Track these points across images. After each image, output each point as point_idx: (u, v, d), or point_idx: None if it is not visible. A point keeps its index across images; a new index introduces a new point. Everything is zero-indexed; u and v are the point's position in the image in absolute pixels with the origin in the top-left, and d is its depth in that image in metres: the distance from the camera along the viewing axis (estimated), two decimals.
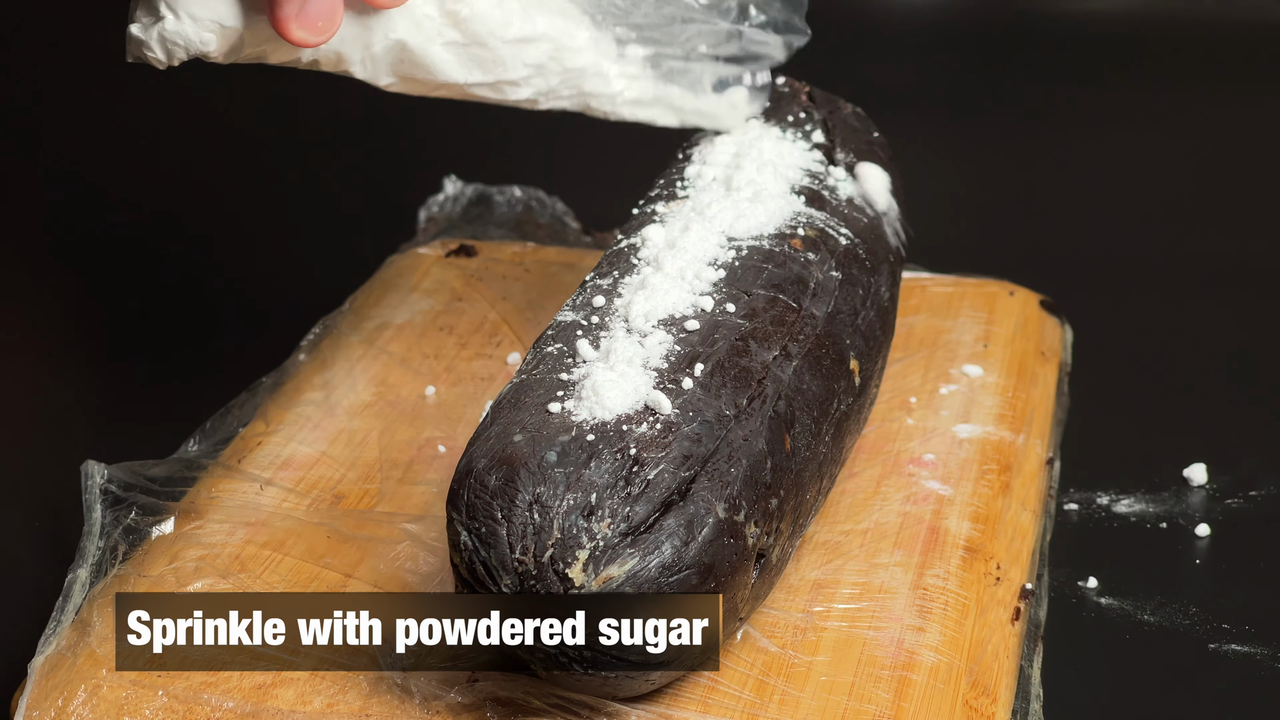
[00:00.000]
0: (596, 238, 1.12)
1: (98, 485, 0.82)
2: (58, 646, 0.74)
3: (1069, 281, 1.10)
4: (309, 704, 0.72)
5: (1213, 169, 1.30)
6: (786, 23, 0.93)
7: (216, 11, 0.75)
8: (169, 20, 0.74)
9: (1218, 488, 0.92)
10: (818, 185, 0.86)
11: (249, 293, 1.15)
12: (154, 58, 0.76)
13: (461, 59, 0.83)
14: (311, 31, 0.75)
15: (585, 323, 0.76)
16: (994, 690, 0.75)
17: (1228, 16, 1.49)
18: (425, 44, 0.82)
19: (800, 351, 0.76)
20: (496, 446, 0.69)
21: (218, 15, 0.75)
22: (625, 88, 0.89)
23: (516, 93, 0.86)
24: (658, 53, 0.90)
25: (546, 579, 0.66)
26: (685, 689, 0.72)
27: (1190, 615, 0.83)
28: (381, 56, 0.81)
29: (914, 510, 0.83)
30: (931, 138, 1.34)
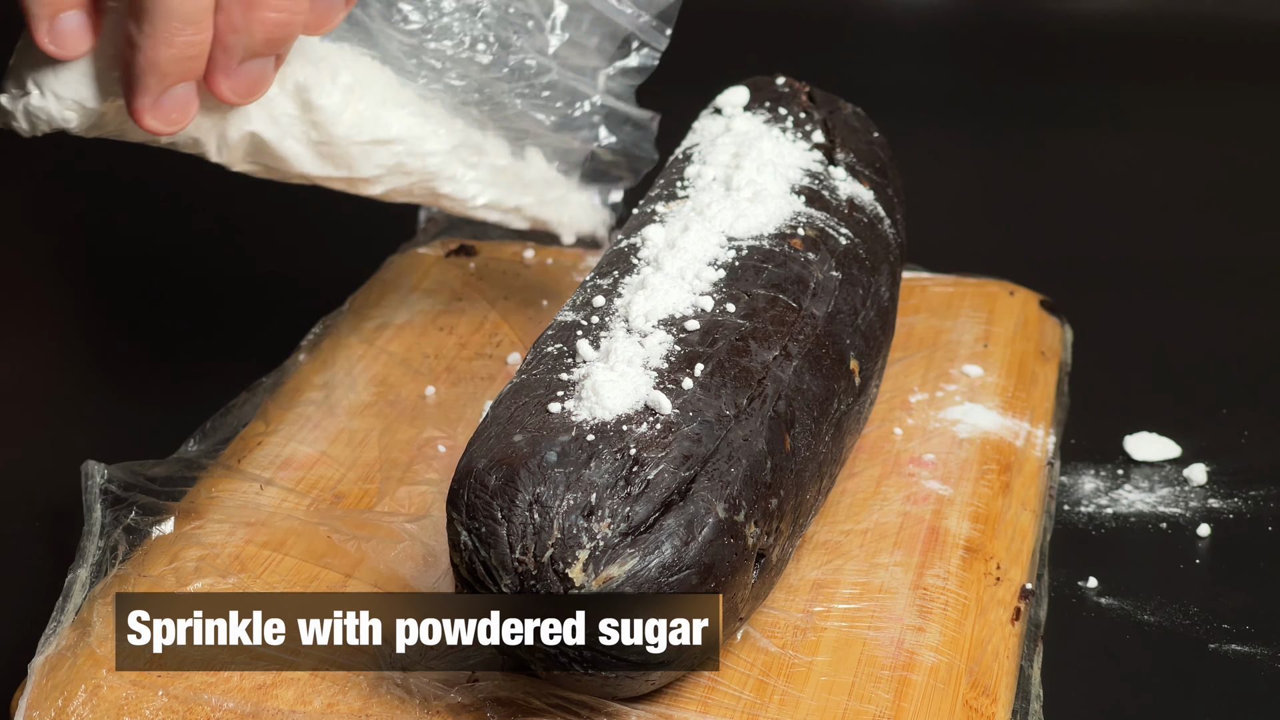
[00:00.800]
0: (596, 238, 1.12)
1: (98, 485, 0.82)
2: (58, 646, 0.74)
3: (1069, 281, 1.10)
4: (309, 704, 0.72)
5: (1213, 169, 1.30)
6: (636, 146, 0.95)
7: (79, 93, 0.78)
8: (34, 96, 0.78)
9: (1218, 488, 0.92)
10: (818, 185, 0.86)
11: (249, 293, 1.15)
12: (19, 127, 0.79)
13: (315, 154, 0.85)
14: (165, 122, 0.77)
15: (585, 323, 0.76)
16: (994, 690, 0.75)
17: (1228, 16, 1.49)
18: (280, 138, 0.83)
19: (800, 351, 0.76)
20: (496, 446, 0.69)
21: (80, 97, 0.78)
22: (478, 194, 0.92)
23: (369, 189, 0.89)
24: (511, 165, 0.92)
25: (546, 579, 0.66)
26: (685, 689, 0.72)
27: (1190, 615, 0.83)
28: (237, 145, 0.83)
29: (914, 510, 0.83)
30: (931, 138, 1.34)
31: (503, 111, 0.91)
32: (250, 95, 0.79)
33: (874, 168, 0.90)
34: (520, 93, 0.90)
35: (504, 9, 0.89)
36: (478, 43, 0.88)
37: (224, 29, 0.76)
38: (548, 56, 0.90)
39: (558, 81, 0.91)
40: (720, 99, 0.93)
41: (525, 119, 0.91)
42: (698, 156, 0.88)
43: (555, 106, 0.91)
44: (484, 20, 0.88)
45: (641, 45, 0.93)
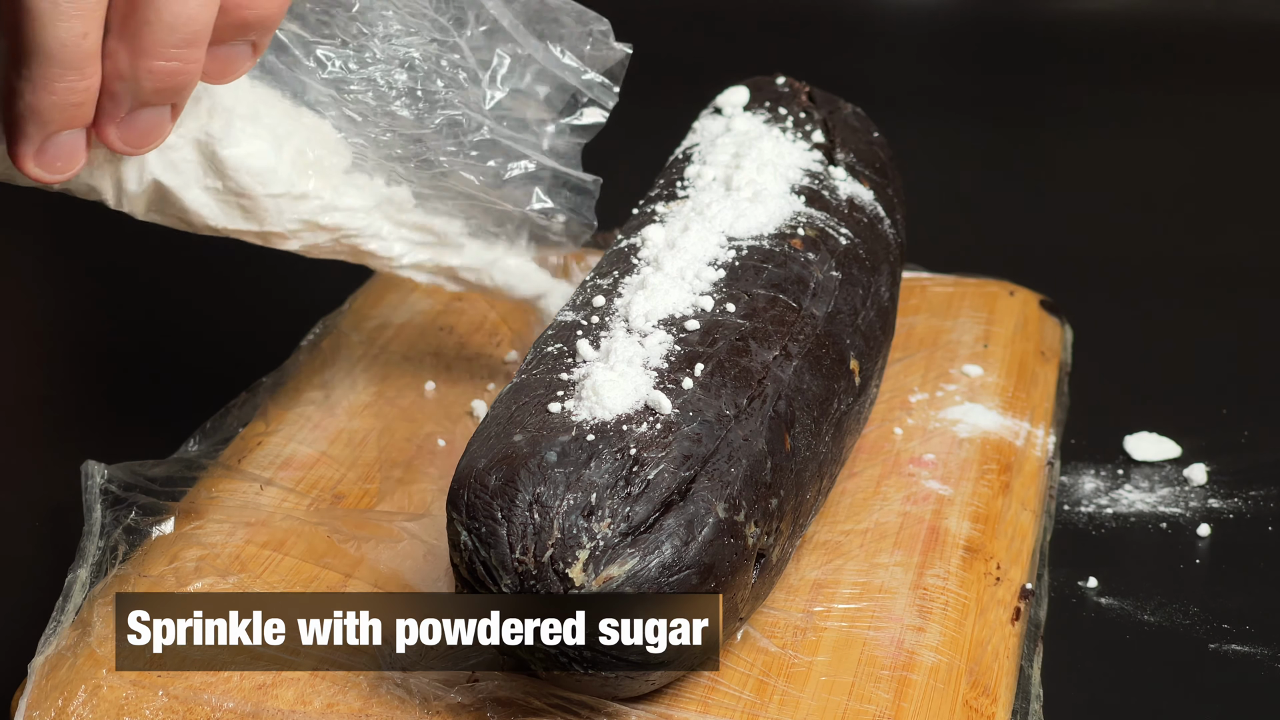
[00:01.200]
0: (596, 238, 1.12)
1: (98, 485, 0.82)
2: (58, 646, 0.74)
3: (1069, 281, 1.10)
4: (309, 704, 0.72)
5: (1212, 169, 1.30)
6: (575, 209, 0.90)
7: None
8: None
9: (1218, 488, 0.92)
10: (818, 185, 0.86)
11: (249, 293, 1.15)
12: None
13: (223, 206, 0.81)
14: (49, 170, 0.72)
15: (585, 322, 0.76)
16: (994, 690, 0.75)
17: (1228, 16, 1.49)
18: (183, 187, 0.79)
19: (800, 351, 0.76)
20: (496, 446, 0.69)
21: None
22: (405, 253, 0.87)
23: (285, 244, 0.84)
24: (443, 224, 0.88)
25: (546, 579, 0.66)
26: (685, 689, 0.72)
27: (1190, 615, 0.83)
28: (137, 194, 0.79)
29: (914, 510, 0.83)
30: (931, 138, 1.34)
31: (431, 169, 0.85)
32: (142, 145, 0.73)
33: (874, 168, 0.90)
34: (448, 150, 0.85)
35: (436, 60, 0.83)
36: (402, 95, 0.83)
37: (111, 76, 0.70)
38: (482, 113, 0.85)
39: (493, 140, 0.85)
40: (720, 99, 0.93)
41: (456, 178, 0.86)
42: (698, 156, 0.88)
43: (488, 166, 0.86)
44: (412, 72, 0.83)
45: (589, 102, 0.87)
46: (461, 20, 0.83)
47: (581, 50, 0.86)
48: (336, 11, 0.81)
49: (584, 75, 0.86)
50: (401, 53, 0.83)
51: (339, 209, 0.83)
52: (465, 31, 0.83)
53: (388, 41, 0.82)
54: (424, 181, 0.86)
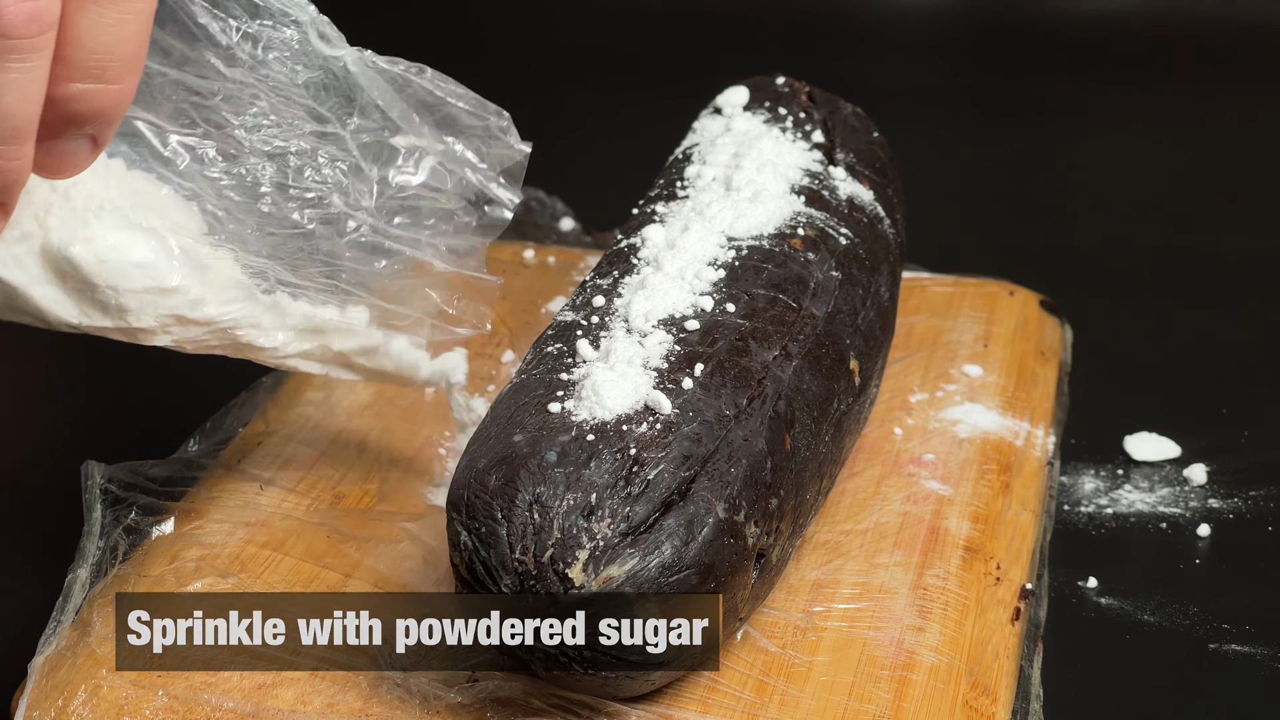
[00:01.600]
0: (596, 238, 1.12)
1: (98, 485, 0.82)
2: (58, 646, 0.74)
3: (1069, 281, 1.10)
4: (309, 704, 0.72)
5: (1212, 169, 1.30)
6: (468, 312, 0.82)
7: None
8: None
9: (1218, 488, 0.92)
10: (817, 185, 0.86)
11: None
12: None
13: (78, 303, 0.73)
14: None
15: (585, 323, 0.76)
16: (994, 690, 0.75)
17: (1228, 16, 1.49)
18: (30, 284, 0.72)
19: (800, 351, 0.76)
20: (496, 446, 0.69)
21: None
22: (290, 341, 0.79)
23: (153, 339, 0.76)
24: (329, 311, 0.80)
25: (546, 579, 0.66)
26: (685, 689, 0.72)
27: (1190, 615, 0.83)
28: None
29: (914, 510, 0.83)
30: (931, 138, 1.34)
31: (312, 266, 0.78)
32: None
33: (874, 168, 0.90)
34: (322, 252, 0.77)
35: (313, 154, 0.76)
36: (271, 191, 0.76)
37: None
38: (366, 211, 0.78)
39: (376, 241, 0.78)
40: (720, 99, 0.93)
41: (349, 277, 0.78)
42: (698, 156, 0.88)
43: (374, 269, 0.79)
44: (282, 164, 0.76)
45: (490, 202, 0.80)
46: (347, 110, 0.77)
47: (479, 146, 0.79)
48: (201, 98, 0.75)
49: (482, 173, 0.79)
50: (272, 144, 0.76)
51: (210, 301, 0.76)
52: (350, 122, 0.77)
53: (256, 132, 0.76)
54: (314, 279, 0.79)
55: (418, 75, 0.77)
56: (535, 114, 0.89)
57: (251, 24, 0.74)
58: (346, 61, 0.76)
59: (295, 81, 0.75)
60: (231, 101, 0.75)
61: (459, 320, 0.82)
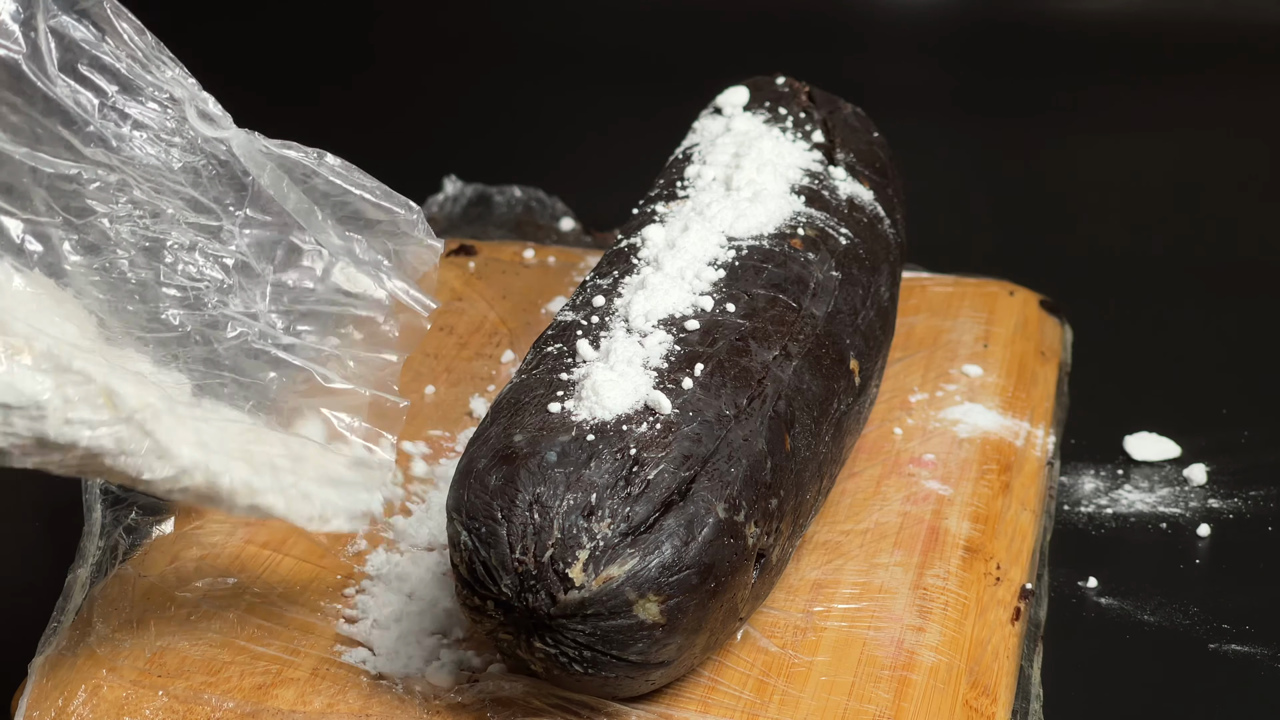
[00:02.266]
0: (596, 238, 1.12)
1: (98, 485, 0.82)
2: (58, 646, 0.74)
3: (1069, 281, 1.10)
4: (309, 704, 0.72)
5: (1212, 168, 1.30)
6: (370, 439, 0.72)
7: None
8: None
9: (1218, 488, 0.92)
10: (817, 185, 0.86)
11: None
12: None
13: None
14: None
15: (585, 323, 0.76)
16: (994, 690, 0.75)
17: (1228, 16, 1.49)
18: None
19: (800, 351, 0.76)
20: (496, 446, 0.69)
21: None
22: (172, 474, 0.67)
23: (6, 460, 0.64)
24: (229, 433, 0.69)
25: (546, 579, 0.66)
26: (685, 689, 0.72)
27: (1190, 615, 0.83)
28: None
29: (914, 510, 0.83)
30: (931, 137, 1.34)
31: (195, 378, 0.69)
32: None
33: (874, 168, 0.90)
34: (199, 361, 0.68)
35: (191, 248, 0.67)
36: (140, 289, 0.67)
37: None
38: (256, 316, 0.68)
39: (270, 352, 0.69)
40: (720, 99, 0.93)
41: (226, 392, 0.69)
42: (698, 156, 0.88)
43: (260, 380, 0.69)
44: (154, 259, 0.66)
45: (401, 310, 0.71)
46: (235, 201, 0.68)
47: (386, 245, 0.70)
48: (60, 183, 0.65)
49: (392, 276, 0.70)
50: (144, 237, 0.67)
51: (71, 420, 0.63)
52: (238, 214, 0.67)
53: (125, 223, 0.66)
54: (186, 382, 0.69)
55: (316, 162, 0.68)
56: (535, 114, 0.89)
57: (119, 98, 0.65)
58: (231, 145, 0.67)
59: (170, 166, 0.66)
60: (95, 188, 0.66)
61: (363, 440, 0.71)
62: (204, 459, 0.67)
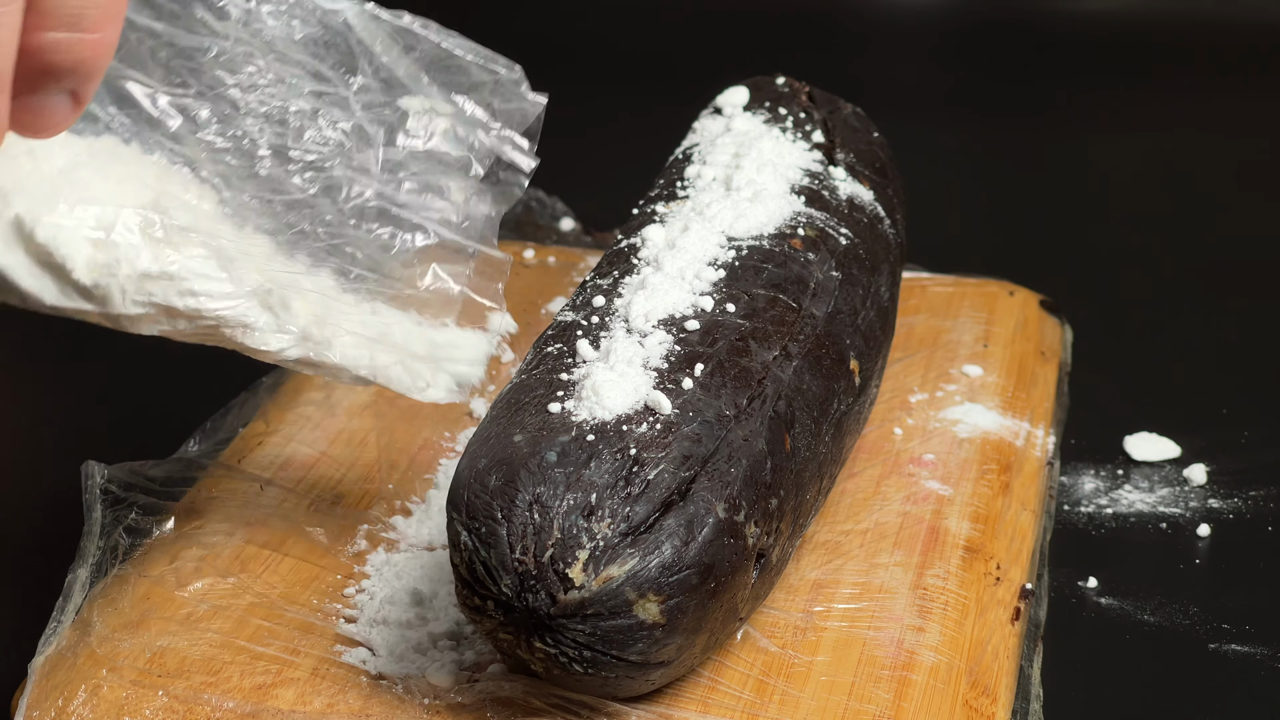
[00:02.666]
0: (596, 238, 1.12)
1: (98, 485, 0.82)
2: (58, 646, 0.74)
3: (1069, 281, 1.10)
4: (309, 704, 0.72)
5: (1212, 168, 1.30)
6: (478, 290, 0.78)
7: None
8: None
9: (1218, 488, 0.92)
10: (818, 185, 0.86)
11: None
12: None
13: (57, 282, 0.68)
14: None
15: (585, 323, 0.76)
16: (994, 690, 0.75)
17: (1228, 16, 1.49)
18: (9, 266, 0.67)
19: (800, 351, 0.76)
20: (496, 446, 0.69)
21: None
22: (286, 348, 0.74)
23: (137, 327, 0.71)
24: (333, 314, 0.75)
25: (546, 579, 0.66)
26: (685, 689, 0.72)
27: (1190, 615, 0.83)
28: None
29: (914, 510, 0.83)
30: (932, 137, 1.34)
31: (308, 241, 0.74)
32: None
33: (874, 168, 0.90)
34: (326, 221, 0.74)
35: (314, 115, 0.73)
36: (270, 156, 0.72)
37: None
38: (372, 176, 0.73)
39: (382, 208, 0.74)
40: (720, 99, 0.93)
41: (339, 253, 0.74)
42: (698, 156, 0.88)
43: (376, 238, 0.74)
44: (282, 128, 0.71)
45: (507, 167, 0.76)
46: (350, 69, 0.72)
47: (491, 103, 0.74)
48: (192, 57, 0.70)
49: (496, 132, 0.74)
50: (271, 106, 0.72)
51: (197, 292, 0.70)
52: (353, 82, 0.72)
53: (253, 92, 0.71)
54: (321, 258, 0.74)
55: (423, 29, 0.73)
56: None
57: None
58: (347, 16, 0.72)
59: (292, 38, 0.71)
60: (225, 60, 0.71)
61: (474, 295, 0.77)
62: (316, 332, 0.73)
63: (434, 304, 0.77)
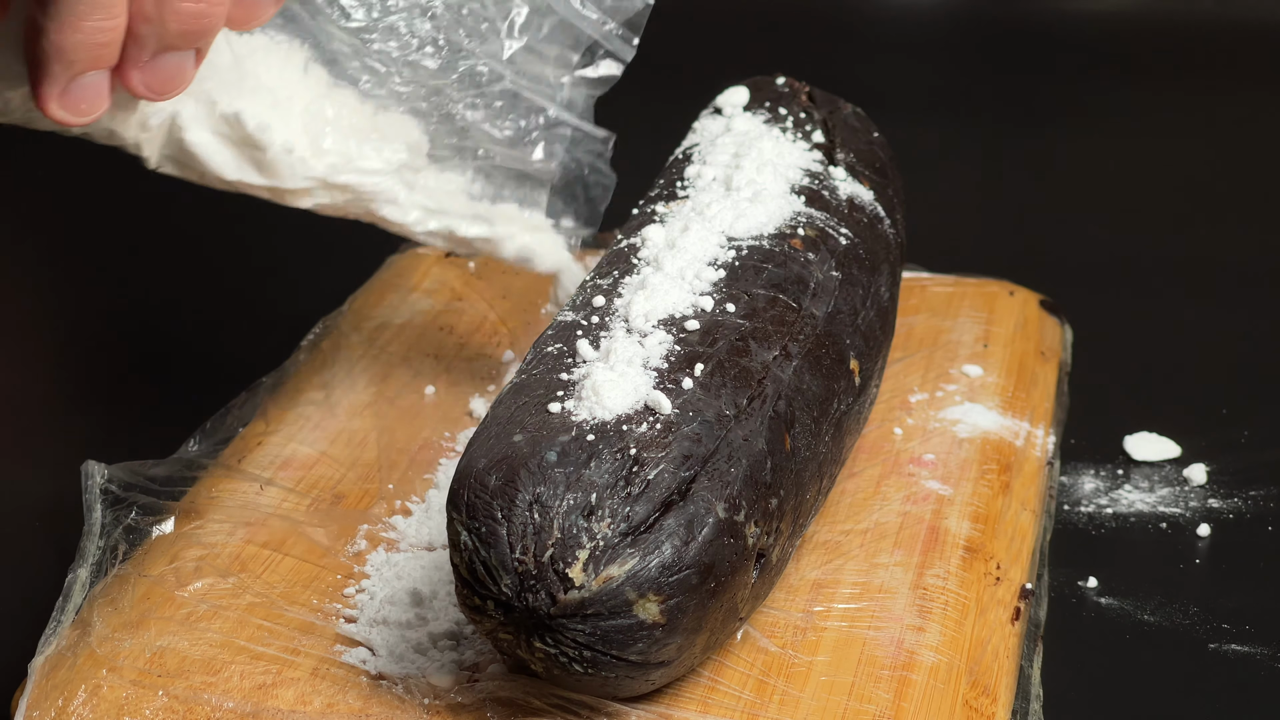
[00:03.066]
0: (596, 238, 1.12)
1: (98, 485, 0.82)
2: (58, 646, 0.74)
3: (1069, 281, 1.10)
4: (309, 704, 0.72)
5: (1213, 169, 1.30)
6: (592, 166, 0.91)
7: None
8: None
9: (1218, 488, 0.92)
10: (818, 185, 0.86)
11: (249, 293, 1.15)
12: None
13: (237, 158, 0.81)
14: (73, 113, 0.72)
15: (585, 323, 0.76)
16: (994, 690, 0.75)
17: (1228, 16, 1.49)
18: (199, 135, 0.79)
19: (800, 351, 0.76)
20: (496, 446, 0.69)
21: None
22: (422, 220, 0.87)
23: (297, 200, 0.84)
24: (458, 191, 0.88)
25: (546, 579, 0.66)
26: (685, 689, 0.72)
27: (1190, 615, 0.83)
28: (155, 139, 0.79)
29: (914, 510, 0.83)
30: (931, 137, 1.34)
31: (451, 124, 0.85)
32: (165, 92, 0.73)
33: (874, 168, 0.90)
34: (471, 103, 0.85)
35: (458, 10, 0.83)
36: (425, 45, 0.83)
37: (136, 18, 0.70)
38: (502, 63, 0.84)
39: (512, 91, 0.85)
40: (720, 99, 0.93)
41: (475, 132, 0.86)
42: (698, 156, 0.88)
43: (508, 119, 0.86)
44: (434, 21, 0.82)
45: (606, 55, 0.87)
46: None
47: (601, 1, 0.85)
48: None
49: (603, 26, 0.86)
50: (423, 1, 0.82)
51: (354, 169, 0.83)
52: None
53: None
54: (442, 139, 0.85)
55: None
56: None
57: None
58: None
59: None
60: None
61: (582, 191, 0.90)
62: (449, 206, 0.87)
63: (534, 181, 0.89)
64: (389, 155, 0.84)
